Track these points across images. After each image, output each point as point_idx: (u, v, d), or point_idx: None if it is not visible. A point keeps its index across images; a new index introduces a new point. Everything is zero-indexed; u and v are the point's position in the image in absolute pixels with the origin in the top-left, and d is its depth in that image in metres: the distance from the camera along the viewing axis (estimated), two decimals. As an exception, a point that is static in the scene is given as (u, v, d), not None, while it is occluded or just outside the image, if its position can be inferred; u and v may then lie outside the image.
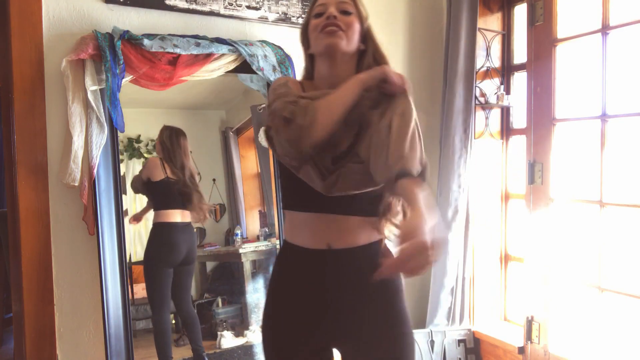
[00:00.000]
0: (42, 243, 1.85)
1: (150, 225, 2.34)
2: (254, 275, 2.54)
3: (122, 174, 2.12)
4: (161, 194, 2.34)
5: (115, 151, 1.93)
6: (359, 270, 1.28)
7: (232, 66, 2.07)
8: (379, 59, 1.33)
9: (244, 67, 2.08)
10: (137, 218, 2.34)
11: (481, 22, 2.54)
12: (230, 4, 2.14)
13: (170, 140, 2.32)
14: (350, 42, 1.28)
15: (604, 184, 2.12)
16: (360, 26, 1.31)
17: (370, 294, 1.29)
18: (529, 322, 2.38)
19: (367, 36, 1.34)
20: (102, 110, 1.85)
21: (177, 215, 2.34)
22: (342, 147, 1.22)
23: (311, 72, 1.38)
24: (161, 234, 2.33)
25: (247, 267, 2.50)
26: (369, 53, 1.33)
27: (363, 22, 1.32)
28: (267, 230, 2.57)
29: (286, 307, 1.33)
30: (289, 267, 1.35)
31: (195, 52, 1.96)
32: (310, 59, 1.38)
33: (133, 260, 2.29)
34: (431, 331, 2.55)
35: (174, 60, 1.93)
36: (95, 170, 1.84)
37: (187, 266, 2.41)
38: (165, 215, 2.33)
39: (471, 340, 2.59)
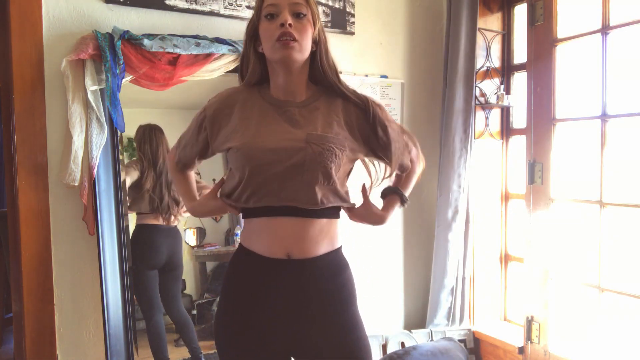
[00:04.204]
0: (42, 243, 1.85)
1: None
2: (254, 275, 2.53)
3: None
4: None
5: (115, 151, 1.93)
6: (317, 279, 1.30)
7: (232, 66, 2.07)
8: (325, 64, 1.35)
9: (244, 67, 2.08)
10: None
11: (481, 22, 2.54)
12: (230, 4, 2.14)
13: (143, 139, 2.30)
14: (304, 50, 1.30)
15: (604, 184, 2.12)
16: (312, 28, 1.30)
17: (326, 302, 1.30)
18: (529, 322, 2.38)
19: (318, 36, 1.33)
20: (102, 110, 1.85)
21: (159, 218, 2.32)
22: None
23: (261, 73, 1.37)
24: (140, 235, 2.33)
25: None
26: (318, 56, 1.34)
27: (315, 22, 1.31)
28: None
29: (242, 318, 1.31)
30: (246, 275, 1.33)
31: (195, 52, 1.96)
32: (259, 57, 1.36)
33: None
34: (431, 331, 2.55)
35: (174, 60, 1.93)
36: (95, 170, 1.84)
37: (173, 272, 2.40)
38: (146, 217, 2.32)
39: (471, 340, 2.59)
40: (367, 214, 1.41)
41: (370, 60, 2.52)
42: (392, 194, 1.47)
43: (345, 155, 1.31)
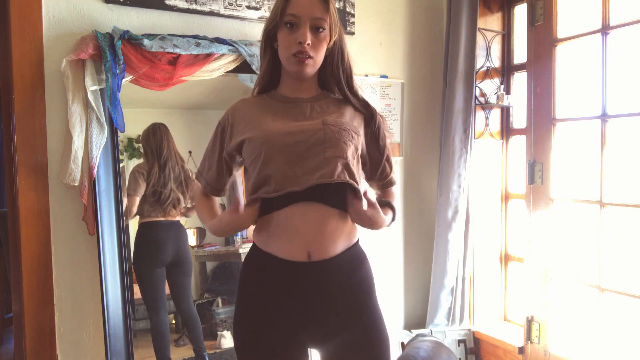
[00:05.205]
0: (42, 243, 1.85)
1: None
2: (254, 275, 2.53)
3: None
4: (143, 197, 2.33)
5: (115, 151, 1.92)
6: (338, 277, 1.30)
7: (232, 66, 2.07)
8: (336, 69, 1.40)
9: (244, 67, 2.08)
10: None
11: (481, 22, 2.54)
12: (230, 4, 2.14)
13: (147, 133, 2.30)
14: (318, 64, 1.36)
15: (604, 184, 2.12)
16: (329, 39, 1.35)
17: (349, 297, 1.31)
18: (529, 322, 2.38)
19: (333, 45, 1.38)
20: (102, 110, 1.84)
21: (161, 213, 2.32)
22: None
23: (271, 73, 1.41)
24: (144, 233, 2.33)
25: (247, 267, 2.50)
26: (329, 63, 1.39)
27: (332, 34, 1.35)
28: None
29: (262, 319, 1.30)
30: (264, 279, 1.31)
31: (195, 52, 1.96)
32: (274, 54, 1.39)
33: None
34: (431, 331, 2.55)
35: (174, 60, 1.93)
36: (95, 170, 1.84)
37: (181, 267, 2.40)
38: (148, 214, 2.32)
39: (471, 340, 2.59)
40: (375, 211, 1.32)
41: (370, 60, 2.52)
42: (385, 206, 1.42)
43: (359, 141, 1.35)
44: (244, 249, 2.48)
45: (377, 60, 2.54)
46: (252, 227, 1.38)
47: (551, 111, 2.29)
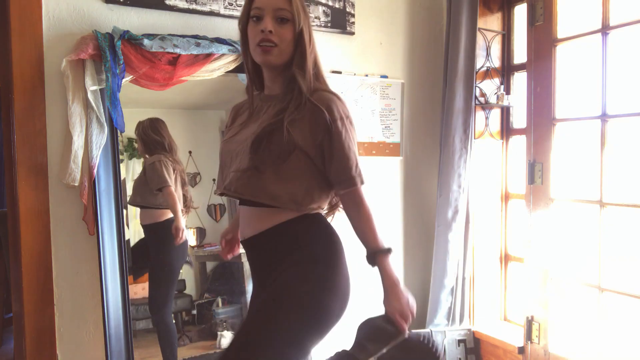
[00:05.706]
0: (42, 243, 1.85)
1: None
2: (254, 275, 2.53)
3: (122, 177, 2.10)
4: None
5: (115, 151, 1.93)
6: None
7: (232, 66, 2.07)
8: (299, 65, 1.35)
9: (244, 67, 2.08)
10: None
11: (481, 22, 2.54)
12: (230, 4, 2.14)
13: (146, 132, 2.28)
14: (284, 54, 1.35)
15: (604, 184, 2.12)
16: (294, 32, 1.34)
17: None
18: (529, 322, 2.38)
19: (298, 40, 1.35)
20: (102, 110, 1.85)
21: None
22: None
23: (253, 72, 1.47)
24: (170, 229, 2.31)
25: (247, 267, 2.50)
26: (294, 61, 1.36)
27: (297, 26, 1.34)
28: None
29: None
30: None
31: (195, 52, 1.96)
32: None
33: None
34: (431, 331, 2.55)
35: (174, 60, 1.93)
36: (95, 170, 1.84)
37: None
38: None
39: (471, 340, 2.59)
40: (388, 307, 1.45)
41: (370, 60, 2.52)
42: (373, 258, 1.40)
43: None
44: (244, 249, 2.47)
45: (377, 60, 2.54)
46: None
47: (551, 111, 2.29)
